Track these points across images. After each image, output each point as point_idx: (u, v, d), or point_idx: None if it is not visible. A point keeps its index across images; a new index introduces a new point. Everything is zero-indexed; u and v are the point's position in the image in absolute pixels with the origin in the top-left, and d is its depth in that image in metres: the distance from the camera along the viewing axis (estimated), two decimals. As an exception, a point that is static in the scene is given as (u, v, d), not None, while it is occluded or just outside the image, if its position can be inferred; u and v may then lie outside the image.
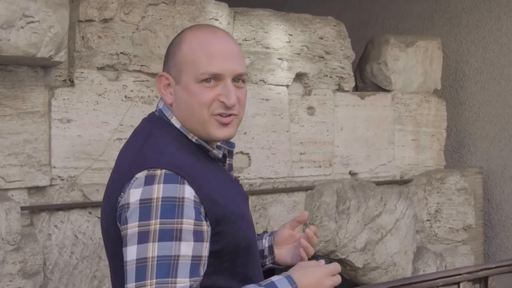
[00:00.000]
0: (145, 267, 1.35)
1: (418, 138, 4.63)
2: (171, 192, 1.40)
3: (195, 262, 1.39)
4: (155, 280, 1.34)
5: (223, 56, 1.53)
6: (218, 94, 1.53)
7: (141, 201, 1.40)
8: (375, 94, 4.41)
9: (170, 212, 1.39)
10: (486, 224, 5.31)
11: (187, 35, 1.58)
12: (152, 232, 1.37)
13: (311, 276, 1.50)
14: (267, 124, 3.89)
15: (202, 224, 1.42)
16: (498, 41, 5.23)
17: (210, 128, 1.54)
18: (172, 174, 1.42)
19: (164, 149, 1.50)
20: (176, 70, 1.56)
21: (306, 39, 4.07)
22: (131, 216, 1.41)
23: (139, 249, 1.37)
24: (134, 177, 1.44)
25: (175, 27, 3.53)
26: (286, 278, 1.48)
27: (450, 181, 4.55)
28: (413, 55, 4.61)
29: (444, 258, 4.54)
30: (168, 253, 1.36)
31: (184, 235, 1.38)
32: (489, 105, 5.30)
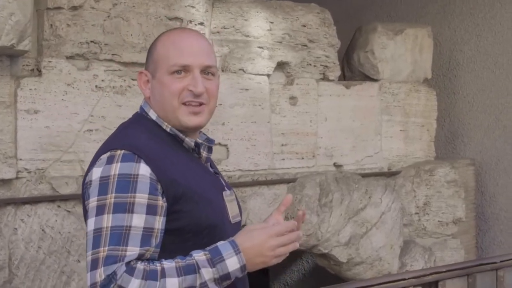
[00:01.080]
0: (100, 236, 1.49)
1: (407, 128, 4.50)
2: (126, 169, 1.54)
3: (146, 233, 1.51)
4: (108, 247, 1.47)
5: (191, 50, 1.69)
6: (187, 84, 1.67)
7: (101, 178, 1.55)
8: (361, 84, 4.28)
9: (124, 188, 1.52)
10: (479, 217, 5.19)
11: (162, 36, 1.75)
12: (107, 205, 1.51)
13: (254, 238, 1.54)
14: (247, 115, 3.78)
15: (157, 199, 1.54)
16: (492, 29, 5.08)
17: (181, 115, 1.67)
18: (129, 154, 1.56)
19: (129, 135, 1.65)
20: (153, 66, 1.72)
21: (288, 26, 3.94)
22: (92, 192, 1.56)
23: (96, 220, 1.51)
24: (99, 158, 1.60)
25: (148, 14, 3.42)
26: (230, 242, 1.54)
27: (440, 173, 4.42)
28: (402, 43, 4.47)
29: (433, 252, 4.42)
30: (120, 224, 1.49)
31: (136, 208, 1.51)
32: (483, 94, 5.16)
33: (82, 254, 3.12)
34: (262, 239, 1.54)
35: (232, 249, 1.52)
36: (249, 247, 1.53)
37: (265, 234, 1.55)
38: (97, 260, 1.47)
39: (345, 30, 4.66)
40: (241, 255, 1.52)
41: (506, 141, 5.03)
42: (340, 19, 5.41)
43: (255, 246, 1.53)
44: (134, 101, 3.35)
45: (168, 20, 3.51)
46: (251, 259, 1.53)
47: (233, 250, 1.52)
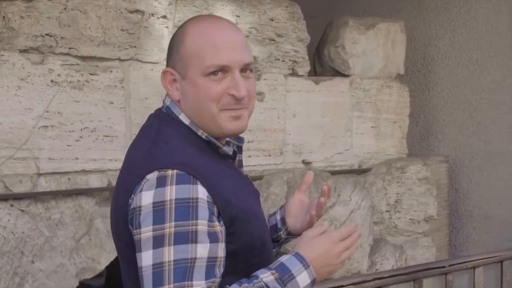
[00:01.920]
0: (162, 272, 1.32)
1: (379, 125, 4.43)
2: (184, 193, 1.36)
3: (210, 263, 1.36)
4: (173, 285, 1.30)
5: (229, 47, 1.46)
6: (227, 87, 1.46)
7: (154, 204, 1.35)
8: (331, 79, 4.20)
9: (184, 214, 1.34)
10: (452, 214, 5.13)
11: (190, 28, 1.51)
12: (167, 235, 1.33)
13: (318, 248, 1.43)
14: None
15: (215, 225, 1.38)
16: (467, 24, 5.02)
17: (221, 122, 1.48)
18: (184, 174, 1.37)
19: (174, 148, 1.44)
20: (181, 65, 1.49)
21: (255, 20, 3.85)
22: (144, 220, 1.36)
23: (154, 254, 1.33)
24: (144, 178, 1.39)
25: (108, 7, 3.31)
26: (295, 256, 1.41)
27: (411, 170, 4.36)
28: (374, 38, 4.39)
29: (404, 250, 4.36)
30: (184, 256, 1.33)
31: (200, 237, 1.35)
32: (457, 90, 5.10)
33: (36, 254, 3.02)
34: (327, 247, 1.43)
35: (301, 264, 1.40)
36: (315, 258, 1.41)
37: (329, 241, 1.44)
38: None
39: (321, 25, 4.58)
40: (311, 269, 1.40)
41: (480, 138, 4.97)
42: (316, 14, 5.33)
43: (321, 256, 1.42)
44: (92, 97, 3.25)
45: (129, 13, 3.40)
46: (318, 270, 1.42)
47: (302, 265, 1.40)
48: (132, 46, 3.43)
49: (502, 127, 4.84)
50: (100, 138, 3.33)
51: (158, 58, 3.51)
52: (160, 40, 3.53)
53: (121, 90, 3.40)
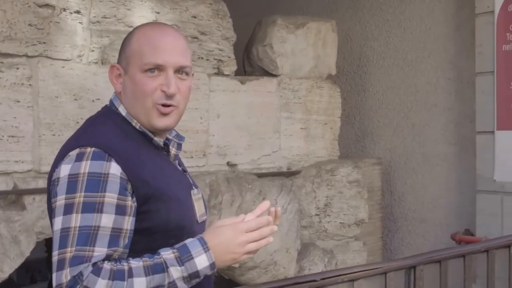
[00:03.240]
0: (67, 235, 1.44)
1: (308, 126, 4.32)
2: (97, 168, 1.50)
3: (114, 233, 1.48)
4: (75, 247, 1.42)
5: (166, 49, 1.64)
6: (160, 83, 1.62)
7: (69, 176, 1.50)
8: (258, 79, 4.08)
9: (94, 186, 1.48)
10: (388, 217, 5.07)
11: (137, 30, 1.71)
12: (76, 204, 1.46)
13: (222, 235, 1.52)
14: (129, 111, 3.52)
15: (126, 199, 1.51)
16: (401, 24, 4.96)
17: (151, 116, 1.64)
18: (100, 151, 1.52)
19: (99, 132, 1.60)
20: (126, 61, 1.67)
21: (176, 17, 3.70)
22: (60, 190, 1.51)
23: (64, 219, 1.46)
24: (67, 155, 1.55)
25: (14, 0, 3.14)
26: (198, 239, 1.51)
27: (341, 173, 4.26)
28: (304, 37, 4.29)
29: (335, 255, 4.26)
30: (89, 224, 1.45)
31: (106, 208, 1.47)
32: (392, 92, 5.04)
33: None
34: (230, 236, 1.52)
35: (201, 247, 1.49)
36: (217, 244, 1.50)
37: (234, 230, 1.52)
38: (63, 260, 1.43)
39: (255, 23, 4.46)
40: (210, 253, 1.49)
41: (415, 140, 4.92)
42: (252, 12, 5.23)
43: (223, 243, 1.51)
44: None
45: (38, 7, 3.22)
46: (220, 256, 1.51)
47: (202, 248, 1.49)
48: (41, 42, 3.25)
49: (436, 129, 4.79)
50: (5, 139, 3.15)
51: (70, 55, 3.35)
52: (73, 36, 3.36)
53: (29, 88, 3.22)
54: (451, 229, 4.67)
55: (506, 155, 4.19)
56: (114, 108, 1.69)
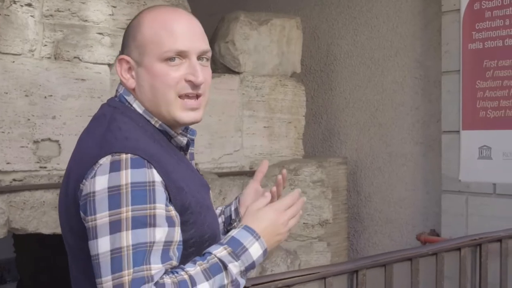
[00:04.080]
0: (121, 257, 1.29)
1: (272, 125, 4.24)
2: (140, 177, 1.33)
3: (166, 247, 1.34)
4: (132, 269, 1.28)
5: (186, 33, 1.47)
6: (184, 73, 1.46)
7: (109, 189, 1.32)
8: (220, 76, 3.98)
9: (141, 198, 1.32)
10: (354, 218, 5.01)
11: (146, 16, 1.50)
12: (124, 220, 1.30)
13: (265, 218, 1.45)
14: (83, 108, 3.41)
15: (171, 209, 1.37)
16: (369, 22, 4.90)
17: (176, 110, 1.47)
18: (138, 158, 1.35)
19: (128, 134, 1.41)
20: (138, 52, 1.47)
21: (134, 12, 3.58)
22: (99, 206, 1.32)
23: (112, 239, 1.30)
24: (97, 163, 1.35)
25: (-42, -9, 3.01)
26: (244, 229, 1.42)
27: (305, 172, 4.18)
28: (267, 34, 4.20)
29: (298, 256, 4.18)
30: (143, 240, 1.30)
31: (158, 220, 1.33)
32: (359, 90, 4.98)
33: None
34: (273, 217, 1.46)
35: (251, 236, 1.40)
36: (264, 229, 1.43)
37: (274, 211, 1.46)
38: (121, 285, 1.27)
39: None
40: (262, 240, 1.41)
41: (381, 139, 4.86)
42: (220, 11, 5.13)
43: (270, 225, 1.44)
44: None
45: (-16, -1, 3.10)
46: (269, 240, 1.44)
47: (253, 237, 1.40)
48: (-11, 36, 3.13)
49: (403, 128, 4.74)
50: (-50, 137, 3.03)
51: (21, 50, 3.22)
52: (24, 30, 3.24)
53: (-24, 83, 3.10)
54: (417, 229, 4.63)
55: (471, 155, 4.15)
56: (127, 105, 1.50)
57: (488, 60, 4.08)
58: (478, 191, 4.12)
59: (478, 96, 4.12)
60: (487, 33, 4.08)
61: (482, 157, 4.12)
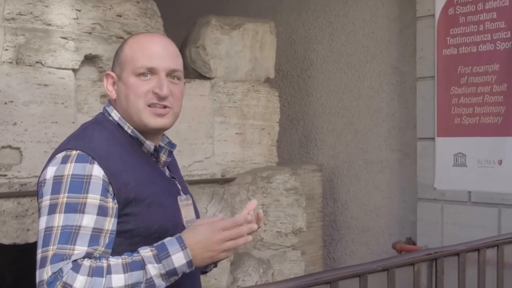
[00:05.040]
0: (50, 234, 1.50)
1: (244, 132, 4.16)
2: (80, 170, 1.56)
3: (95, 233, 1.53)
4: (56, 246, 1.48)
5: (158, 53, 1.71)
6: (152, 86, 1.69)
7: (54, 178, 1.57)
8: (190, 82, 3.90)
9: (77, 188, 1.54)
10: (331, 225, 4.94)
11: (130, 39, 1.79)
12: (59, 204, 1.52)
13: (199, 233, 1.55)
14: (46, 114, 3.32)
15: (108, 201, 1.56)
16: (345, 27, 4.84)
17: (145, 117, 1.68)
18: (84, 154, 1.58)
19: (86, 136, 1.65)
20: (119, 68, 1.74)
21: (99, 16, 3.52)
22: (46, 191, 1.57)
23: (48, 219, 1.52)
24: (55, 157, 1.61)
25: None
26: (176, 238, 1.55)
27: (278, 180, 4.10)
28: (239, 39, 4.13)
29: (271, 265, 4.10)
30: (70, 223, 1.51)
31: (88, 208, 1.53)
32: (336, 96, 4.92)
33: None
34: (207, 234, 1.55)
35: (178, 245, 1.53)
36: (195, 242, 1.53)
37: (211, 228, 1.55)
38: (45, 258, 1.48)
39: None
40: (187, 251, 1.53)
41: (358, 146, 4.80)
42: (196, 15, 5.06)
43: (201, 241, 1.54)
44: None
45: None
46: (198, 254, 1.54)
47: (179, 246, 1.53)
48: None
49: (379, 135, 4.68)
50: None
51: (-20, 55, 3.14)
52: (-16, 34, 3.15)
53: None
54: (394, 237, 4.56)
55: (446, 162, 4.09)
56: (107, 115, 1.75)
57: (462, 66, 4.02)
58: (453, 199, 4.06)
59: (453, 103, 4.07)
60: (461, 38, 4.03)
61: (457, 165, 4.06)
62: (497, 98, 3.90)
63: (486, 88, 3.94)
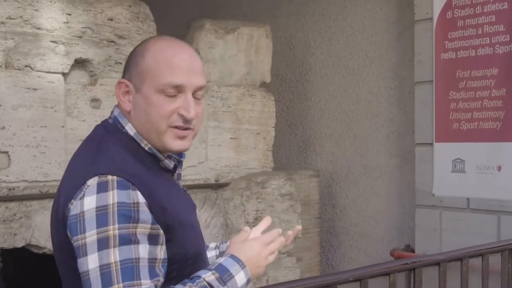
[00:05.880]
0: (110, 272, 1.35)
1: (239, 136, 4.11)
2: (125, 197, 1.41)
3: (152, 264, 1.41)
4: (122, 284, 1.35)
5: (185, 69, 1.54)
6: (178, 106, 1.52)
7: (97, 208, 1.39)
8: (183, 86, 3.86)
9: (126, 217, 1.39)
10: (329, 231, 4.88)
11: (152, 46, 1.58)
12: (111, 237, 1.37)
13: (250, 250, 1.52)
14: (35, 118, 3.30)
15: (157, 227, 1.43)
16: (343, 31, 4.79)
17: (167, 139, 1.54)
18: (123, 180, 1.43)
19: (115, 156, 1.49)
20: (138, 79, 1.54)
21: (90, 20, 3.49)
22: (88, 224, 1.39)
23: (100, 255, 1.36)
24: (85, 184, 1.42)
25: None
26: (231, 257, 1.50)
27: (272, 185, 4.05)
28: (234, 43, 4.08)
29: (266, 272, 4.04)
30: (129, 256, 1.37)
31: (140, 238, 1.40)
32: (334, 101, 4.86)
33: None
34: (257, 250, 1.53)
35: (238, 264, 1.49)
36: (248, 259, 1.51)
37: (260, 244, 1.54)
38: None
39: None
40: (247, 269, 1.49)
41: (356, 151, 4.74)
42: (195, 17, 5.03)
43: (253, 257, 1.52)
44: None
45: None
46: (251, 270, 1.51)
47: (239, 265, 1.49)
48: None
49: (378, 140, 4.61)
50: None
51: (-32, 58, 3.12)
52: (-28, 38, 3.14)
53: None
54: (393, 244, 4.49)
55: (445, 168, 4.01)
56: (119, 127, 1.57)
57: (461, 70, 3.95)
58: (451, 206, 3.99)
59: (452, 108, 4.00)
60: (459, 42, 3.96)
61: (456, 171, 3.98)
62: (496, 103, 3.83)
63: (485, 93, 3.87)
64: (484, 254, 2.06)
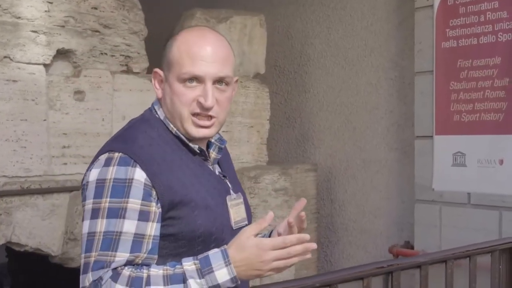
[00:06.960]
0: (93, 240, 1.48)
1: (231, 129, 3.97)
2: (122, 173, 1.51)
3: (137, 239, 1.49)
4: (98, 252, 1.46)
5: (206, 59, 1.62)
6: (197, 95, 1.62)
7: (97, 181, 1.53)
8: (172, 77, 3.73)
9: (118, 192, 1.50)
10: (328, 227, 4.74)
11: (179, 37, 1.68)
12: (102, 209, 1.49)
13: (245, 251, 1.48)
14: (15, 111, 3.18)
15: (150, 205, 1.52)
16: (342, 20, 4.63)
17: (188, 126, 1.64)
18: (126, 157, 1.53)
19: (129, 137, 1.60)
20: (166, 68, 1.67)
21: (73, 8, 3.37)
22: (88, 194, 1.54)
23: (90, 223, 1.50)
24: (98, 159, 1.58)
25: None
26: (221, 252, 1.49)
27: (266, 180, 3.91)
28: (226, 32, 3.93)
29: (259, 269, 3.91)
30: (112, 229, 1.48)
31: (128, 213, 1.49)
32: (333, 92, 4.71)
33: None
34: (253, 253, 1.48)
35: (223, 260, 1.47)
36: (240, 260, 1.47)
37: (258, 248, 1.48)
38: (88, 264, 1.47)
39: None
40: (231, 267, 1.47)
41: (355, 144, 4.58)
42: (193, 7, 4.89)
43: (246, 259, 1.48)
44: None
45: None
46: (242, 271, 1.48)
47: (224, 261, 1.47)
48: None
49: (377, 132, 4.46)
50: None
51: None
52: None
53: None
54: (392, 240, 4.34)
55: (445, 162, 3.85)
56: (154, 112, 1.70)
57: (462, 59, 3.78)
58: (452, 201, 3.82)
59: (452, 99, 3.83)
60: (461, 30, 3.79)
61: (456, 164, 3.82)
62: (499, 94, 3.66)
63: (487, 83, 3.70)
64: (471, 255, 1.91)
